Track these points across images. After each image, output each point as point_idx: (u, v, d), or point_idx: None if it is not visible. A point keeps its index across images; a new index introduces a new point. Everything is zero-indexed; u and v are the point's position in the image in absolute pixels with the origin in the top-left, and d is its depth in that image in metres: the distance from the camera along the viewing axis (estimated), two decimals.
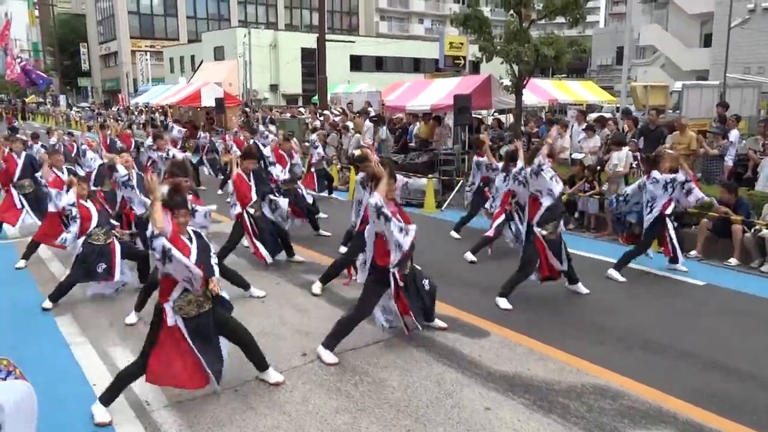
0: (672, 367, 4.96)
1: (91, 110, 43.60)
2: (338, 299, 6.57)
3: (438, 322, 5.68)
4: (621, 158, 9.70)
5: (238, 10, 58.35)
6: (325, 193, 12.37)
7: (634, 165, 10.43)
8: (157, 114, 29.62)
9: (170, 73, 48.65)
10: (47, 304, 6.23)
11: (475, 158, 9.34)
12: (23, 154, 9.68)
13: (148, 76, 45.85)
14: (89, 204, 6.47)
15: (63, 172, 8.33)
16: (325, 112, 20.15)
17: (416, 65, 46.03)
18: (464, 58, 21.30)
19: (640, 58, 38.06)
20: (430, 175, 12.18)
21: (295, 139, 10.81)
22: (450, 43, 21.23)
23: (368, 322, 5.78)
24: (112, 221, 6.88)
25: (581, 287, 6.67)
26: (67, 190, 6.72)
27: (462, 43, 21.06)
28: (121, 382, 4.23)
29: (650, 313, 6.20)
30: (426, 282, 5.41)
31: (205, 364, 4.20)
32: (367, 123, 15.70)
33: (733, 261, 7.92)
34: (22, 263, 7.81)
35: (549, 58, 12.49)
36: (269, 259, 7.40)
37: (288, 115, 24.25)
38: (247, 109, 26.78)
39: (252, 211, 7.27)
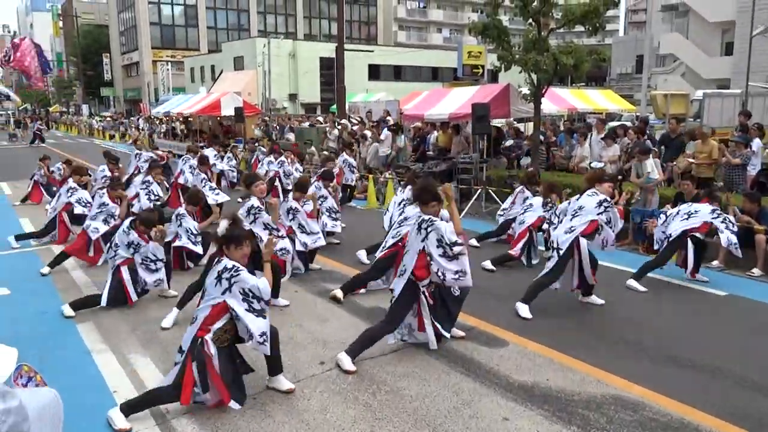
0: (694, 378, 4.89)
1: (113, 119, 44.28)
2: (357, 308, 6.58)
3: (456, 331, 5.66)
4: (653, 166, 9.63)
5: (258, 21, 59.03)
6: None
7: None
8: (177, 123, 29.93)
9: (191, 82, 49.27)
10: (69, 311, 6.31)
11: (533, 197, 8.78)
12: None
13: (168, 86, 46.45)
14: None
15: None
16: (343, 121, 20.23)
17: (434, 74, 46.15)
18: (482, 67, 21.33)
19: (660, 67, 37.78)
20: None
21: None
22: (468, 52, 21.31)
23: None
24: None
25: (595, 299, 6.63)
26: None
27: (480, 52, 21.12)
28: (152, 401, 4.30)
29: (671, 324, 6.13)
30: (454, 288, 5.32)
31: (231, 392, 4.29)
32: (385, 132, 15.77)
33: (756, 271, 7.80)
34: (46, 270, 7.92)
35: (568, 67, 12.44)
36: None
37: (306, 123, 24.40)
38: (266, 119, 26.99)
39: None
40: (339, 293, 6.78)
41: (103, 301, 6.36)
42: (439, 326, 5.26)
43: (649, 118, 16.51)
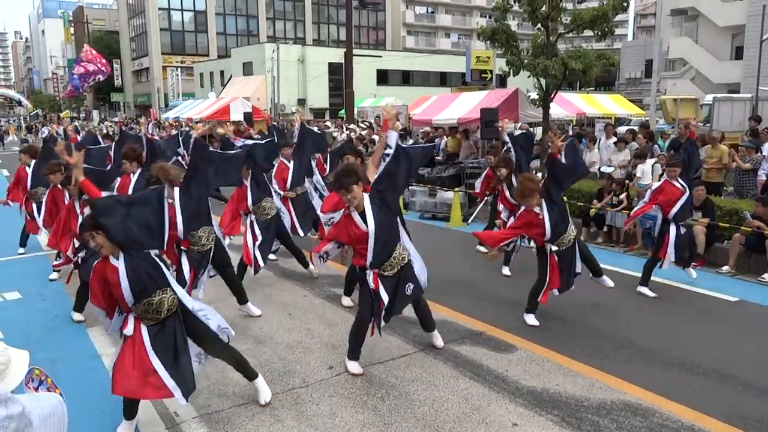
0: (705, 384, 4.86)
1: (123, 124, 44.56)
2: None
3: (436, 339, 5.52)
4: (646, 171, 9.62)
5: (267, 26, 59.33)
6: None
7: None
8: (187, 128, 30.09)
9: (200, 87, 49.53)
10: (78, 316, 6.32)
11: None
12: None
13: (178, 91, 46.71)
14: None
15: None
16: (351, 125, 20.28)
17: (443, 79, 46.16)
18: (491, 71, 21.32)
19: (669, 71, 37.64)
20: (456, 189, 12.18)
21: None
22: (477, 57, 21.29)
23: (393, 334, 5.80)
24: None
25: (606, 280, 6.61)
26: None
27: (489, 57, 21.11)
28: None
29: (681, 329, 6.10)
30: (409, 287, 5.02)
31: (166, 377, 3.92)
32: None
33: (767, 277, 7.75)
34: (54, 275, 7.95)
35: (577, 72, 12.44)
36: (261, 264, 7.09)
37: (315, 128, 24.44)
38: (275, 123, 27.08)
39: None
40: (346, 300, 6.80)
41: None
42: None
43: (648, 122, 16.43)
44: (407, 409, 4.46)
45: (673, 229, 7.01)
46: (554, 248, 5.95)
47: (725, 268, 8.13)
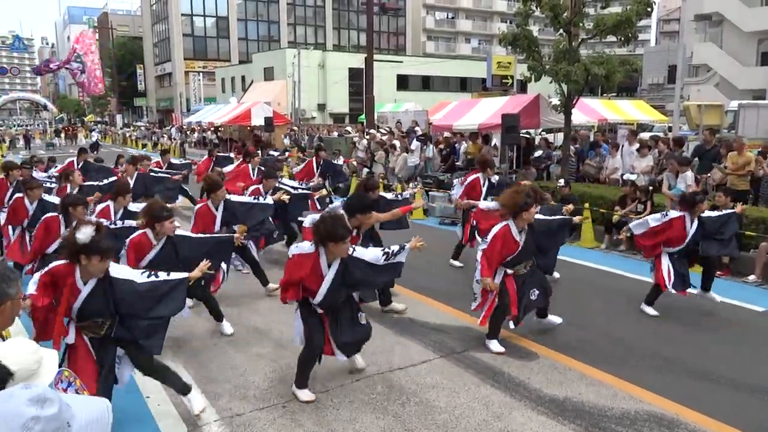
0: (731, 396, 4.77)
1: (146, 129, 45.12)
2: (383, 317, 6.56)
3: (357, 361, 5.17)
4: (689, 178, 9.48)
5: (288, 32, 59.68)
6: None
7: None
8: (209, 132, 30.37)
9: (222, 92, 49.91)
10: None
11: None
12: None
13: (200, 96, 47.14)
14: None
15: None
16: (371, 131, 20.31)
17: (462, 84, 46.02)
18: (512, 77, 21.24)
19: (693, 77, 37.17)
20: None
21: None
22: (498, 62, 21.24)
23: (413, 340, 5.78)
24: None
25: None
26: None
27: (510, 63, 21.05)
28: None
29: (707, 339, 6.00)
30: (362, 316, 4.92)
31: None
32: (415, 142, 15.79)
33: None
34: None
35: (599, 77, 12.32)
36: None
37: (335, 133, 24.54)
38: (295, 128, 27.24)
39: None
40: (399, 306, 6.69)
41: None
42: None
43: (683, 139, 16.16)
44: (428, 416, 4.44)
45: (665, 259, 6.58)
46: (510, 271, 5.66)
47: (751, 277, 7.99)
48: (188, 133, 34.28)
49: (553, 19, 12.72)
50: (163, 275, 4.16)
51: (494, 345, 5.60)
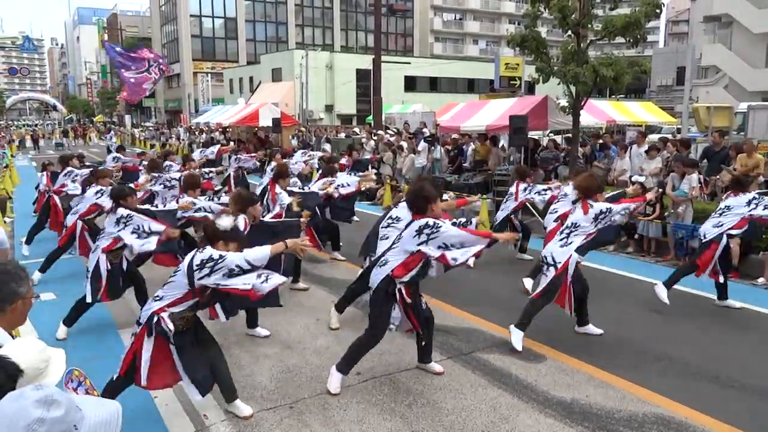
0: (741, 399, 4.74)
1: (155, 129, 45.33)
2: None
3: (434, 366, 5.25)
4: (693, 180, 9.43)
5: (296, 33, 59.83)
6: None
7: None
8: (216, 133, 30.44)
9: (230, 93, 50.08)
10: (61, 333, 6.20)
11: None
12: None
13: (208, 97, 47.28)
14: None
15: None
16: (379, 132, 20.31)
17: (470, 86, 45.99)
18: (520, 78, 21.20)
19: (702, 79, 36.98)
20: (484, 196, 12.10)
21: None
22: (506, 63, 21.20)
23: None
24: None
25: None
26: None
27: (518, 64, 21.00)
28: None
29: (716, 342, 5.97)
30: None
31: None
32: (422, 143, 15.79)
33: None
34: None
35: (608, 79, 12.27)
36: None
37: (343, 134, 24.56)
38: (303, 129, 27.27)
39: None
40: (334, 321, 6.43)
41: (89, 298, 6.12)
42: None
43: (690, 141, 16.05)
44: (434, 417, 4.44)
45: (724, 240, 6.63)
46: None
47: (761, 280, 7.95)
48: (196, 133, 34.35)
49: (562, 20, 12.68)
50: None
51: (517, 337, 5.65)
